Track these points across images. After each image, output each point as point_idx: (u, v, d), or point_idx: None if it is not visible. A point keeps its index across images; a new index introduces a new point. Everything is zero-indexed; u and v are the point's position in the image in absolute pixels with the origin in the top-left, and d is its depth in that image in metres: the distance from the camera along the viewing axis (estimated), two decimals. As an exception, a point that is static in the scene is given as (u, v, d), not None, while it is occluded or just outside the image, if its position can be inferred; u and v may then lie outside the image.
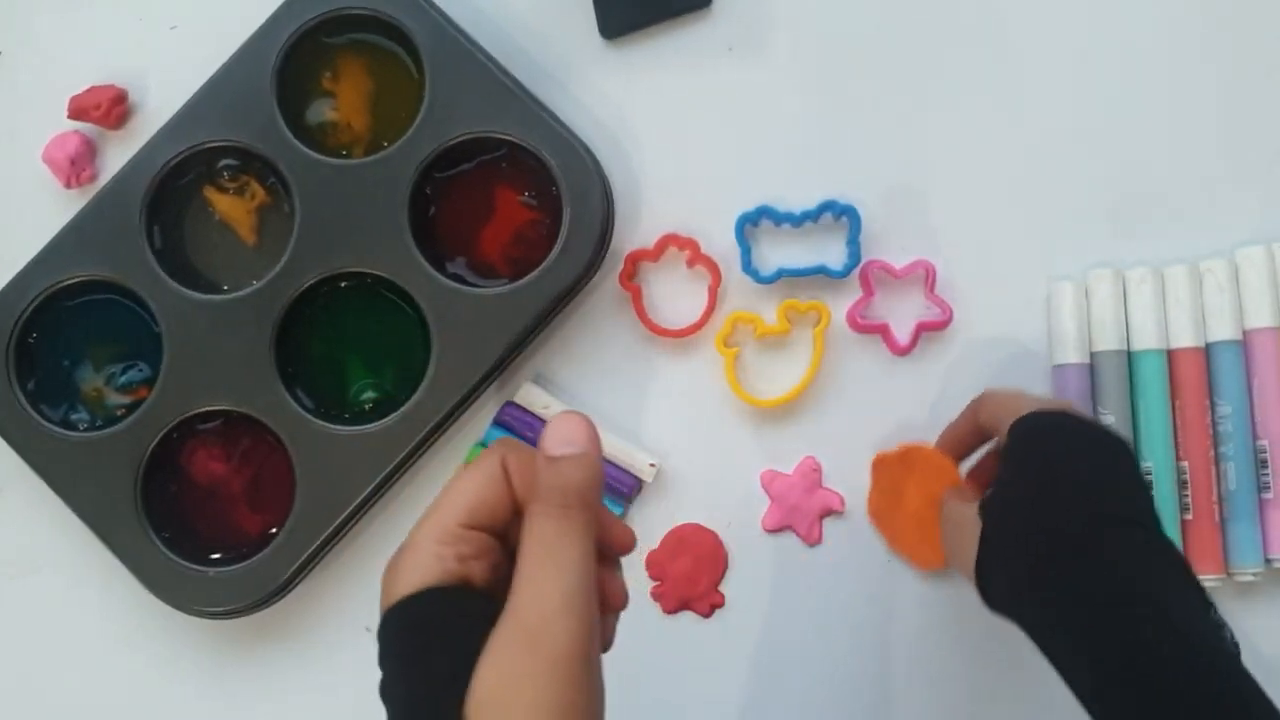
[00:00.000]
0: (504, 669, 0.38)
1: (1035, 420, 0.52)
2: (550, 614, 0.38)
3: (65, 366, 0.66)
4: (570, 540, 0.39)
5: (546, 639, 0.37)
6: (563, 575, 0.38)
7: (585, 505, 0.39)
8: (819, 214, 0.65)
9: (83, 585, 0.67)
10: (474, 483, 0.42)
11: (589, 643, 0.38)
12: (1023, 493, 0.51)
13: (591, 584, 0.39)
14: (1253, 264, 0.63)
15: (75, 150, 0.67)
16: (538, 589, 0.38)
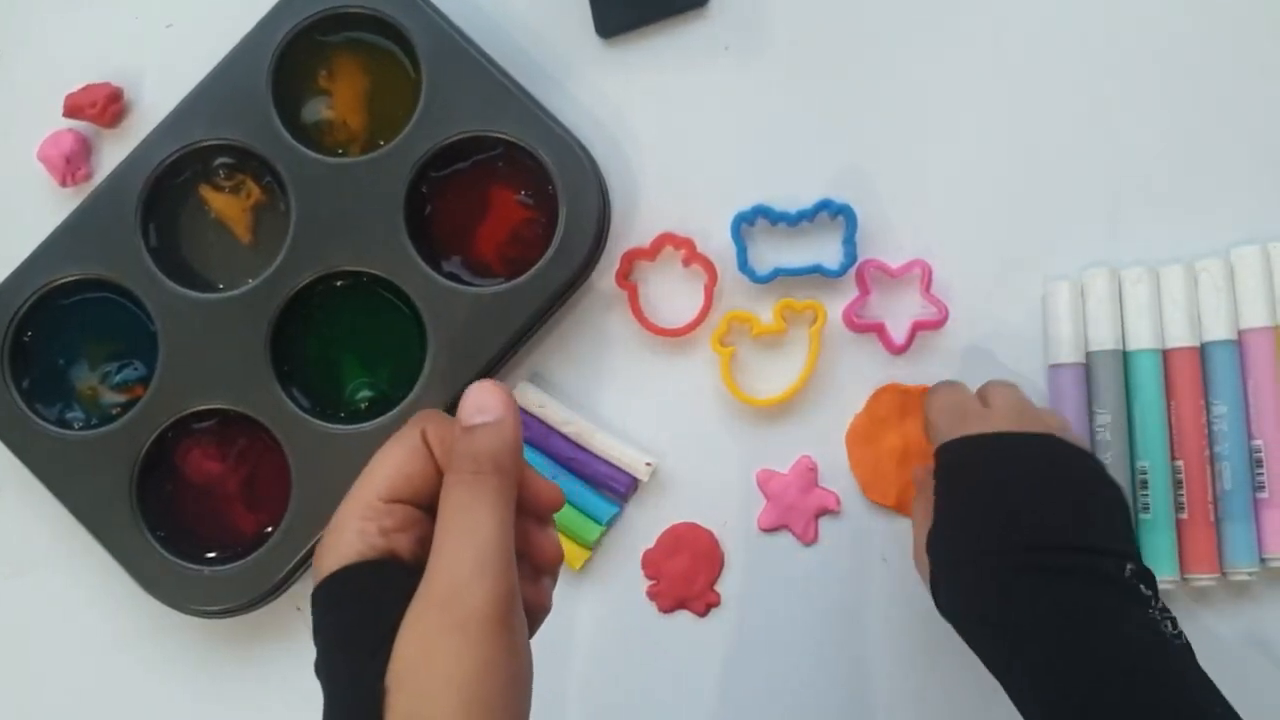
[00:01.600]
0: (419, 638, 0.38)
1: (951, 453, 0.53)
2: (463, 579, 0.38)
3: (60, 365, 0.66)
4: (482, 505, 0.39)
5: (459, 604, 0.37)
6: (474, 540, 0.38)
7: (498, 470, 0.40)
8: (815, 213, 0.65)
9: (78, 584, 0.67)
10: (394, 456, 0.42)
11: (505, 605, 0.38)
12: (952, 530, 0.52)
13: (507, 546, 0.39)
14: (1248, 264, 0.63)
15: (70, 148, 0.67)
16: (450, 555, 0.38)
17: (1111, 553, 0.50)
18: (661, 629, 0.65)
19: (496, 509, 0.39)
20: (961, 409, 0.55)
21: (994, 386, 0.57)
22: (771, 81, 0.66)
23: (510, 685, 0.38)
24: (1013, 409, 0.54)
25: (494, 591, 0.38)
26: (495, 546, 0.38)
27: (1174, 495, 0.62)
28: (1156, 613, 0.49)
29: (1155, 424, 0.62)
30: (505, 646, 0.38)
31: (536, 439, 0.65)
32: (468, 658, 0.37)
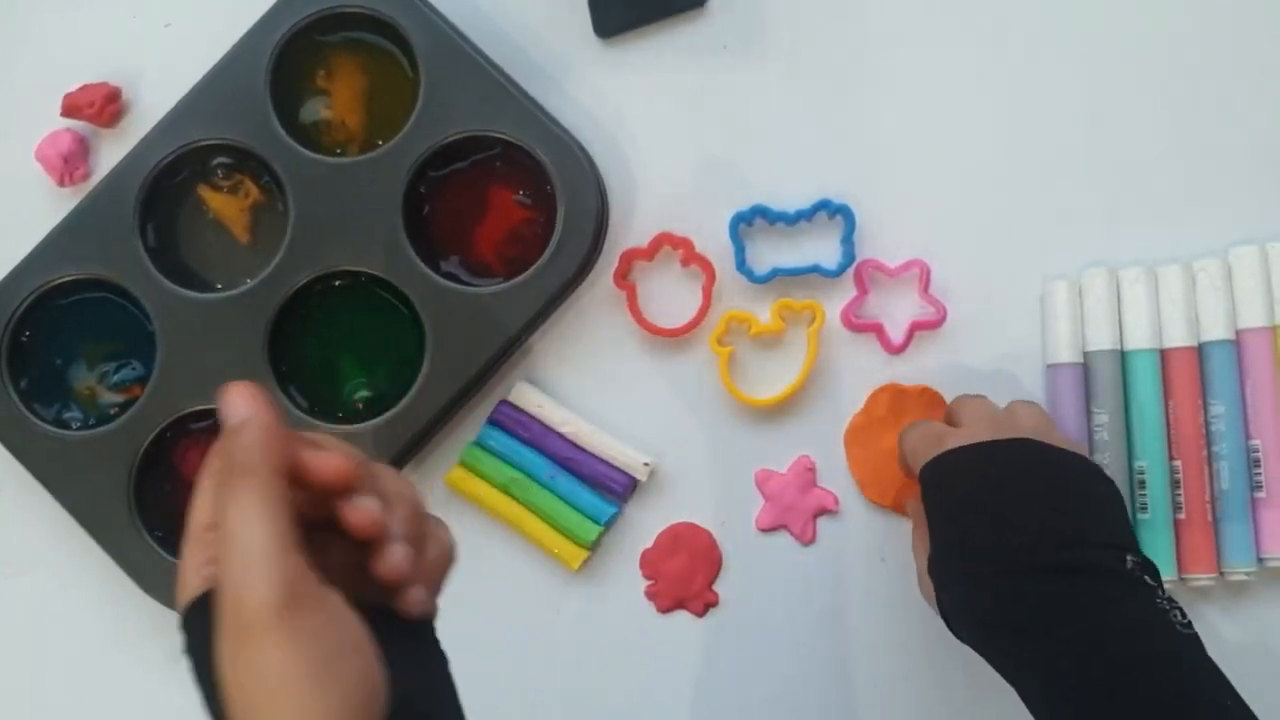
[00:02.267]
0: (225, 659, 0.38)
1: (932, 473, 0.53)
2: (233, 587, 0.38)
3: (58, 365, 0.66)
4: (236, 509, 0.38)
5: (238, 613, 0.37)
6: (238, 546, 0.38)
7: (246, 471, 0.39)
8: (813, 213, 0.65)
9: (76, 584, 0.67)
10: (204, 486, 0.42)
11: (281, 599, 0.37)
12: (947, 548, 0.53)
13: (273, 541, 0.38)
14: (1246, 264, 0.63)
15: (68, 148, 0.67)
16: (224, 568, 0.38)
17: (1108, 545, 0.50)
18: (660, 629, 0.65)
19: (251, 509, 0.38)
20: (934, 434, 0.55)
21: (961, 403, 0.57)
22: (770, 81, 0.66)
23: (323, 670, 0.37)
24: (984, 420, 0.54)
25: (265, 588, 0.37)
26: (258, 546, 0.38)
27: (1172, 495, 0.62)
28: (1164, 603, 0.49)
29: (1153, 424, 0.62)
30: (300, 639, 0.37)
31: (535, 439, 0.65)
32: (263, 663, 0.37)
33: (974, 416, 0.55)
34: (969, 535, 0.52)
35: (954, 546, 0.52)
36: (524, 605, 0.66)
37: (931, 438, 0.55)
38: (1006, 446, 0.52)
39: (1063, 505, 0.51)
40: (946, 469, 0.53)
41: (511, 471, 0.64)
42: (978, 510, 0.52)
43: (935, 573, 0.53)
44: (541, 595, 0.66)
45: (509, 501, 0.65)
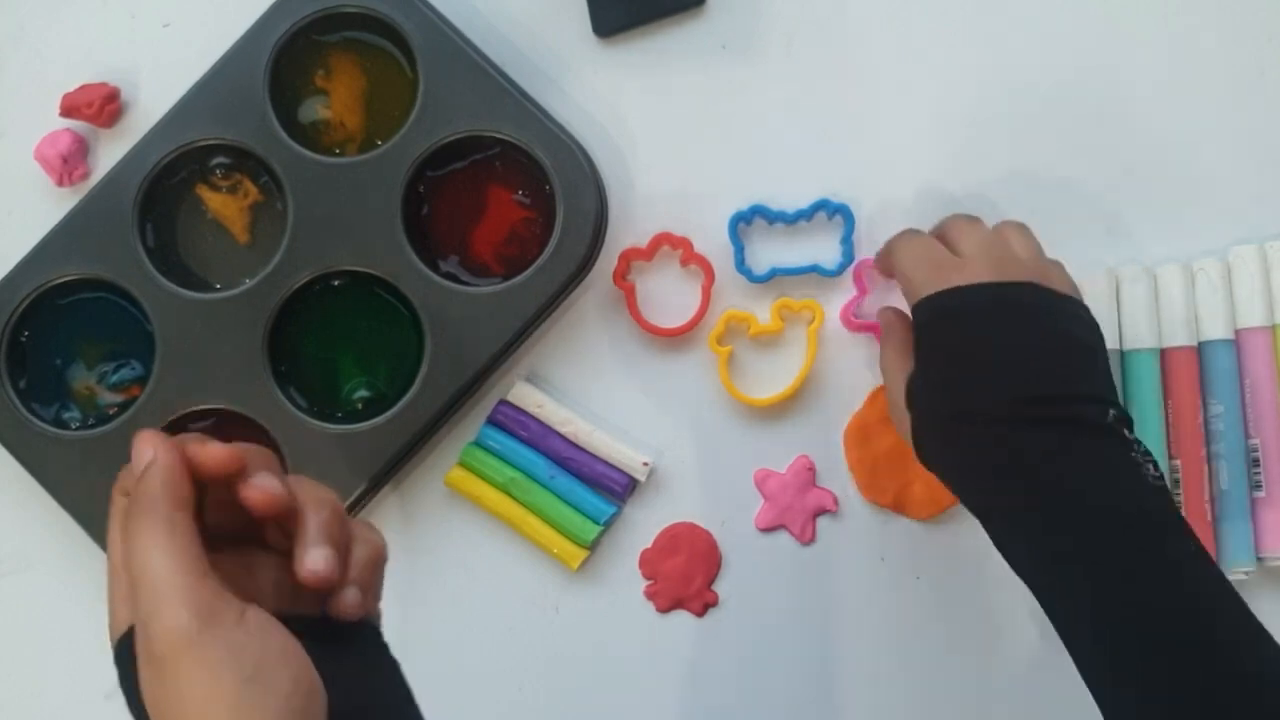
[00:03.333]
0: (145, 691, 0.39)
1: (932, 309, 0.53)
2: (144, 621, 0.39)
3: (57, 365, 0.66)
4: (141, 544, 0.39)
5: (150, 646, 0.38)
6: (143, 579, 0.39)
7: (147, 508, 0.40)
8: (812, 213, 0.65)
9: (75, 583, 0.67)
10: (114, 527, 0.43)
11: (192, 625, 0.38)
12: (939, 385, 0.53)
13: (180, 569, 0.39)
14: (1245, 263, 0.63)
15: (67, 148, 0.67)
16: (135, 601, 0.39)
17: (1093, 399, 0.51)
18: (659, 629, 0.65)
19: (153, 542, 0.39)
20: (935, 260, 0.54)
21: (960, 228, 0.55)
22: (769, 81, 0.66)
23: (247, 685, 0.38)
24: (988, 255, 0.53)
25: (175, 616, 0.38)
26: (164, 576, 0.39)
27: (1171, 495, 0.62)
28: (1138, 455, 0.50)
29: (1152, 423, 0.62)
30: (217, 657, 0.38)
31: (534, 439, 0.65)
32: (184, 689, 0.38)
33: (973, 246, 0.54)
34: (964, 380, 0.51)
35: (945, 387, 0.52)
36: (523, 605, 0.66)
37: (932, 264, 0.54)
38: (1011, 291, 0.52)
39: (1057, 358, 0.51)
40: (947, 308, 0.52)
41: (511, 471, 0.64)
42: (975, 357, 0.51)
43: (919, 405, 0.53)
44: (541, 595, 0.66)
45: (508, 501, 0.65)
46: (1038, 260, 0.54)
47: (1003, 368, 0.51)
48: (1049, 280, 0.53)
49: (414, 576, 0.66)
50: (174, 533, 0.40)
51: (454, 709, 0.65)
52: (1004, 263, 0.53)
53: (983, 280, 0.52)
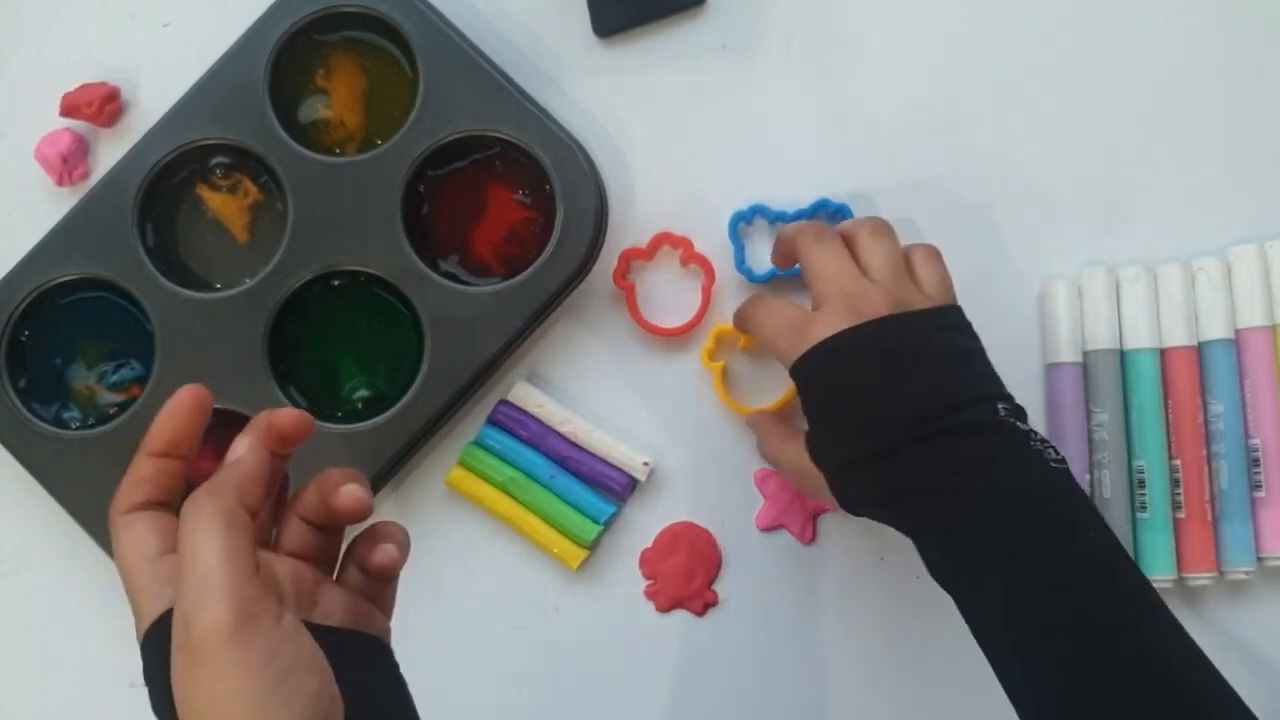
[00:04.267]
0: (177, 681, 0.39)
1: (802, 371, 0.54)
2: (187, 610, 0.39)
3: (57, 364, 0.66)
4: (199, 531, 0.40)
5: (190, 635, 0.39)
6: (193, 568, 0.39)
7: (211, 495, 0.41)
8: (812, 212, 0.65)
9: (74, 583, 0.67)
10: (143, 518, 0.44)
11: (235, 621, 0.38)
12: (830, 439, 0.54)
13: (231, 563, 0.39)
14: (1245, 263, 0.63)
15: (67, 148, 0.67)
16: (180, 588, 0.40)
17: (978, 400, 0.51)
18: (659, 628, 0.65)
19: (211, 531, 0.40)
20: (791, 323, 0.54)
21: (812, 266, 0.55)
22: (769, 80, 0.66)
23: (274, 690, 0.38)
24: (840, 300, 0.53)
25: (218, 609, 0.38)
26: (214, 568, 0.39)
27: (1171, 494, 0.62)
28: (1037, 443, 0.51)
29: (1153, 423, 0.62)
30: (251, 659, 0.38)
31: (534, 438, 0.65)
32: (214, 684, 0.38)
33: (825, 288, 0.54)
34: (851, 426, 0.53)
35: (837, 438, 0.54)
36: (523, 605, 0.66)
37: (789, 328, 0.54)
38: (866, 332, 0.52)
39: (929, 373, 0.52)
40: (815, 366, 0.53)
41: (511, 471, 0.64)
42: (854, 401, 0.52)
43: (820, 462, 0.54)
44: (541, 595, 0.66)
45: (508, 501, 0.65)
46: (894, 275, 0.54)
47: (880, 403, 0.52)
48: (904, 298, 0.53)
49: (414, 576, 0.66)
50: (232, 529, 0.40)
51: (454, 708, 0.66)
52: (854, 299, 0.53)
53: (838, 330, 0.52)
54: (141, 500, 0.44)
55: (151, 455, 0.45)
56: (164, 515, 0.44)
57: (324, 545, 0.47)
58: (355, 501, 0.45)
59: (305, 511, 0.46)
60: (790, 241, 0.57)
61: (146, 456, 0.45)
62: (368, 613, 0.46)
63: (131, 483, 0.45)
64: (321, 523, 0.46)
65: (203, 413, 0.46)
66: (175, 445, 0.45)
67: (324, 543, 0.47)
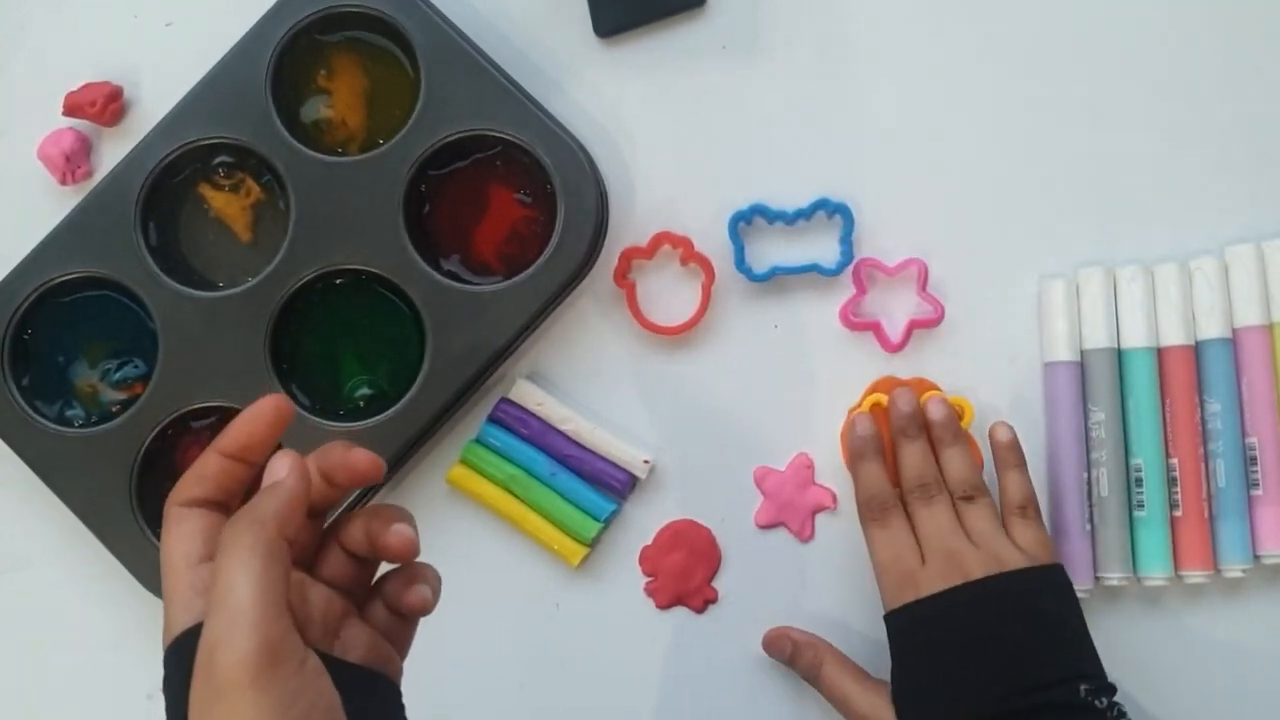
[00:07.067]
0: (193, 705, 0.38)
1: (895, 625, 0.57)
2: (214, 643, 0.38)
3: (60, 363, 0.66)
4: (236, 558, 0.39)
5: (213, 669, 0.37)
6: (226, 601, 0.38)
7: (254, 523, 0.39)
8: (812, 212, 0.65)
9: (77, 580, 0.67)
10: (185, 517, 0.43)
11: (262, 659, 0.37)
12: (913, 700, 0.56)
13: (265, 599, 0.38)
14: (1242, 262, 0.63)
15: (70, 147, 0.67)
16: (208, 620, 0.38)
17: (1062, 680, 0.53)
18: (659, 625, 0.66)
19: (250, 563, 0.38)
20: (902, 571, 0.57)
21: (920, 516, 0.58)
22: (769, 80, 0.66)
23: None
24: (943, 555, 0.56)
25: (244, 647, 0.37)
26: (246, 602, 0.38)
27: (1168, 493, 0.62)
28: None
29: (1150, 422, 0.62)
30: (271, 701, 0.37)
31: (535, 436, 0.65)
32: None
33: (929, 543, 0.57)
34: (930, 687, 0.55)
35: (925, 700, 0.55)
36: (524, 602, 0.66)
37: (899, 576, 0.57)
38: (965, 593, 0.55)
39: (1017, 648, 0.54)
40: (911, 623, 0.56)
41: (512, 469, 0.65)
42: (945, 666, 0.55)
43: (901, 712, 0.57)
44: (542, 592, 0.66)
45: (509, 499, 0.65)
46: (993, 536, 0.57)
47: (971, 673, 0.54)
48: (1003, 559, 0.56)
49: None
50: (271, 562, 0.39)
51: (455, 705, 0.66)
52: (955, 557, 0.56)
53: (937, 589, 0.55)
54: (200, 496, 0.43)
55: (221, 454, 0.44)
56: (217, 517, 0.43)
57: (358, 577, 0.46)
58: (406, 542, 0.44)
59: (349, 542, 0.45)
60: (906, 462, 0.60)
61: (215, 454, 0.43)
62: (386, 653, 0.45)
63: (195, 477, 0.43)
64: (363, 555, 0.45)
65: (281, 425, 0.44)
66: (247, 450, 0.44)
67: (359, 574, 0.46)
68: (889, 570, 0.58)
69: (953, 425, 0.61)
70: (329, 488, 0.44)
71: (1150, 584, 0.62)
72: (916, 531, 0.58)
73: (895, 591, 0.57)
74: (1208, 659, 0.51)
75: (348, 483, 0.44)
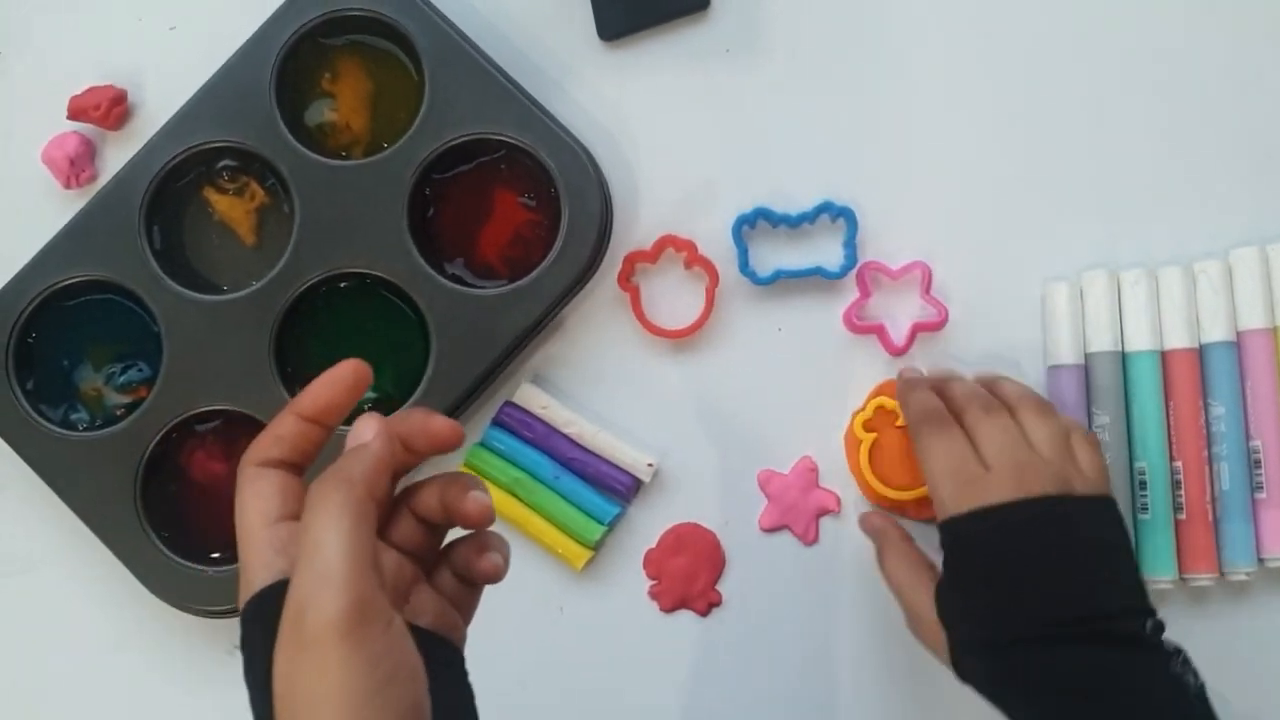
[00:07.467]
0: (282, 663, 0.38)
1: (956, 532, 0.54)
2: (304, 597, 0.38)
3: (65, 366, 0.66)
4: (323, 519, 0.39)
5: (303, 623, 0.37)
6: (316, 555, 0.38)
7: (343, 482, 0.40)
8: (816, 215, 0.65)
9: (82, 584, 0.67)
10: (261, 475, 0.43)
11: (352, 617, 0.37)
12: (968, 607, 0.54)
13: (353, 556, 0.38)
14: (1246, 265, 0.63)
15: (74, 150, 0.67)
16: (297, 574, 0.38)
17: (1130, 611, 0.51)
18: (663, 628, 0.66)
19: (340, 521, 0.38)
20: (964, 475, 0.54)
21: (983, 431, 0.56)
22: (772, 84, 0.66)
23: (376, 694, 0.37)
24: (1010, 465, 0.54)
25: (335, 605, 0.37)
26: (337, 559, 0.38)
27: (1172, 496, 0.62)
28: (1178, 665, 0.50)
29: (1154, 425, 0.62)
30: (360, 659, 0.37)
31: (539, 440, 0.65)
32: (319, 677, 0.37)
33: (996, 454, 0.54)
34: (996, 604, 0.52)
35: (979, 611, 0.53)
36: (528, 605, 0.66)
37: (960, 479, 0.54)
38: (1033, 508, 0.52)
39: (1087, 572, 0.52)
40: (975, 532, 0.53)
41: (516, 472, 0.65)
42: (1006, 580, 0.52)
43: (950, 624, 0.54)
44: (545, 595, 0.66)
45: (513, 502, 0.65)
46: (1060, 456, 0.55)
47: (1033, 590, 0.51)
48: (1070, 480, 0.53)
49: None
50: (360, 521, 0.39)
51: (459, 708, 0.66)
52: (1025, 471, 0.53)
53: (1005, 499, 0.52)
54: (277, 457, 0.43)
55: (299, 416, 0.43)
56: (293, 478, 0.43)
57: (427, 543, 0.46)
58: (484, 509, 0.44)
59: (421, 509, 0.45)
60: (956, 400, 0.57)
61: (293, 416, 0.43)
62: (452, 619, 0.45)
63: (271, 437, 0.43)
64: (435, 522, 0.45)
65: (360, 390, 0.44)
66: (325, 414, 0.43)
67: (428, 541, 0.46)
68: (952, 475, 0.54)
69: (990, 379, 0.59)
70: (407, 454, 0.44)
71: (1154, 587, 0.62)
72: (977, 444, 0.55)
73: (957, 497, 0.54)
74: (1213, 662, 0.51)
75: (427, 449, 0.44)
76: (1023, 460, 0.54)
